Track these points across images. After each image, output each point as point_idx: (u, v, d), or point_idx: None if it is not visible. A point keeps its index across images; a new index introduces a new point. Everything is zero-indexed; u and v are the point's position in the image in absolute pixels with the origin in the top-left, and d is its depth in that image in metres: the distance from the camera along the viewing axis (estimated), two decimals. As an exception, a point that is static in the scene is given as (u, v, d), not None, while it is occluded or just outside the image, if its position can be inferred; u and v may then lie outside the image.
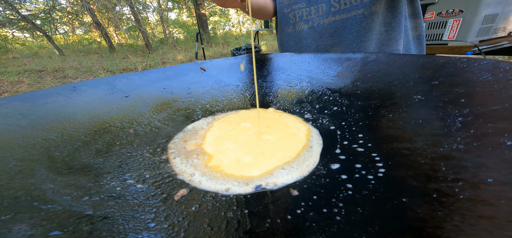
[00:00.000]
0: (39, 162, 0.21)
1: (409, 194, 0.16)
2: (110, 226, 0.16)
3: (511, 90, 0.21)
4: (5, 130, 0.23)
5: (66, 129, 0.27)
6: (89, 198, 0.18)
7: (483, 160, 0.16)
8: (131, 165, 0.25)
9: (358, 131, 0.29)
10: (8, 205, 0.15)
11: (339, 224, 0.16)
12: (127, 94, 0.41)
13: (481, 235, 0.11)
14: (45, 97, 0.31)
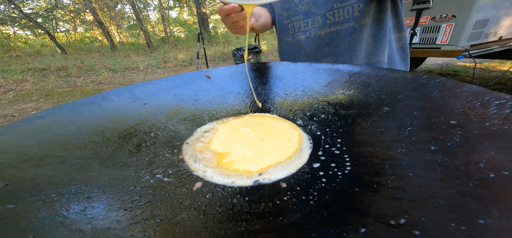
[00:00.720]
0: (92, 159, 0.28)
1: (361, 185, 0.23)
2: (153, 208, 0.23)
3: (448, 106, 0.28)
4: (61, 134, 0.30)
5: (104, 133, 0.34)
6: (134, 187, 0.25)
7: (412, 161, 0.23)
8: (157, 163, 0.32)
9: (338, 136, 0.35)
10: (84, 190, 0.22)
11: (311, 206, 0.22)
12: (145, 102, 0.48)
13: (389, 207, 0.18)
14: (84, 106, 0.37)
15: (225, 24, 0.57)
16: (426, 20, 1.51)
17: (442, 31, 1.42)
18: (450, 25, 1.37)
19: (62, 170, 0.25)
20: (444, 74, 3.07)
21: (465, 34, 1.33)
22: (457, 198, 0.17)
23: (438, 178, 0.20)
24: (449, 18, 1.37)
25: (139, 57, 7.04)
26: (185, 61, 6.15)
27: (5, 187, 0.20)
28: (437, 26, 1.44)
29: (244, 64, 0.70)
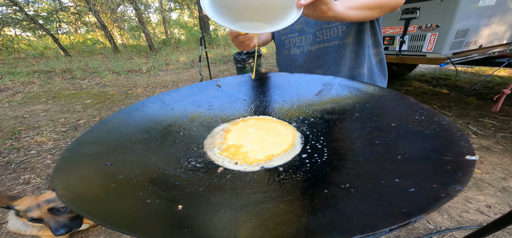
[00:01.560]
0: (148, 150, 0.40)
1: (330, 167, 0.35)
2: (197, 181, 0.35)
3: (393, 113, 0.40)
4: (125, 132, 0.42)
5: (149, 131, 0.46)
6: (179, 169, 0.37)
7: (364, 151, 0.35)
8: (190, 154, 0.44)
9: (321, 135, 0.48)
10: (153, 169, 0.35)
11: (298, 181, 0.35)
12: (172, 107, 0.60)
13: (343, 178, 0.30)
14: (132, 112, 0.50)
15: (234, 42, 0.70)
16: (413, 29, 1.63)
17: (427, 40, 1.54)
18: (434, 34, 1.50)
19: (135, 157, 0.37)
20: (436, 78, 3.20)
21: (448, 42, 1.45)
22: (378, 171, 0.29)
23: (374, 160, 0.32)
24: (433, 27, 1.50)
25: (141, 59, 7.16)
26: (187, 64, 6.27)
27: (111, 166, 0.32)
28: (423, 35, 1.56)
29: (248, 74, 0.82)
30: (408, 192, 0.22)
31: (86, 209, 0.21)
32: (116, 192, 0.27)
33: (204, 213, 0.26)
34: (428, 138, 0.29)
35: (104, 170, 0.31)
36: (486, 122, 1.88)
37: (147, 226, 0.21)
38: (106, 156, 0.35)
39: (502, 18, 1.55)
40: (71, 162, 0.30)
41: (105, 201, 0.24)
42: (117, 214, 0.22)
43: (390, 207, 0.21)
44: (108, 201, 0.24)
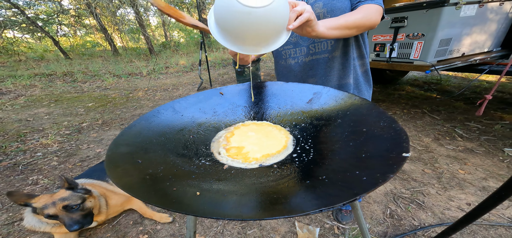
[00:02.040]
0: (166, 151, 0.49)
1: (314, 164, 0.44)
2: (208, 175, 0.44)
3: (366, 120, 0.49)
4: (147, 135, 0.51)
5: (165, 135, 0.55)
6: (193, 166, 0.46)
7: (341, 151, 0.44)
8: (200, 154, 0.53)
9: (309, 138, 0.57)
10: (173, 166, 0.44)
11: (288, 175, 0.44)
12: (182, 114, 0.69)
13: (322, 172, 0.39)
14: (150, 118, 0.59)
15: (233, 58, 0.79)
16: (402, 37, 1.74)
17: (414, 48, 1.65)
18: (420, 42, 1.61)
19: (157, 156, 0.46)
20: (427, 82, 3.32)
21: (432, 50, 1.56)
22: (347, 166, 0.38)
23: (346, 159, 0.41)
24: (420, 36, 1.61)
25: (141, 62, 7.25)
26: (187, 67, 6.36)
27: (141, 163, 0.41)
28: (411, 43, 1.67)
29: (248, 82, 0.92)
30: (362, 180, 0.32)
31: (136, 193, 0.30)
32: (151, 182, 0.36)
33: (216, 197, 0.35)
34: (385, 141, 0.39)
35: (138, 166, 0.40)
36: (472, 125, 2.00)
37: (180, 205, 0.30)
38: (136, 155, 0.44)
39: (482, 28, 1.67)
40: (114, 159, 0.39)
41: (146, 188, 0.33)
42: (156, 196, 0.31)
43: (348, 190, 0.30)
44: (147, 188, 0.33)
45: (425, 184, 1.43)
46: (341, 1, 0.74)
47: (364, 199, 1.37)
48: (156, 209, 1.40)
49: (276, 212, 0.29)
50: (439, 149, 1.75)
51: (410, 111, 2.47)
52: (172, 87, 4.49)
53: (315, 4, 0.78)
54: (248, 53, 0.57)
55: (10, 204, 1.48)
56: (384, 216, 1.25)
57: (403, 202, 1.32)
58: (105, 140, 2.41)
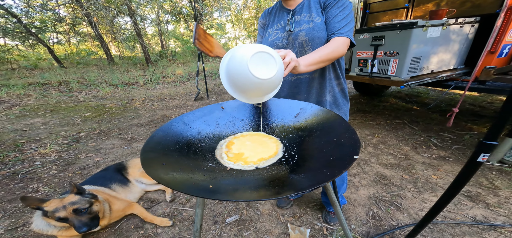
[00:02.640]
0: (181, 156, 0.62)
1: (296, 165, 0.59)
2: (215, 174, 0.57)
3: (336, 131, 0.65)
4: (166, 144, 0.64)
5: (178, 144, 0.68)
6: (203, 168, 0.60)
7: (318, 155, 0.59)
8: (207, 159, 0.67)
9: (295, 146, 0.72)
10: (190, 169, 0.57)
11: (277, 174, 0.58)
12: (190, 126, 0.82)
13: (302, 171, 0.54)
14: (166, 129, 0.72)
15: None
16: (381, 54, 1.96)
17: (391, 64, 1.87)
18: (395, 59, 1.83)
19: (175, 160, 0.59)
20: (409, 95, 3.60)
21: (405, 67, 1.78)
22: (320, 167, 0.53)
23: (320, 161, 0.56)
24: (395, 54, 1.82)
25: (138, 71, 7.32)
26: (183, 77, 6.49)
27: (165, 165, 0.54)
28: (388, 60, 1.89)
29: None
30: (326, 174, 0.46)
31: (171, 185, 0.43)
32: (177, 179, 0.49)
33: (224, 189, 0.49)
34: (347, 148, 0.54)
35: (163, 167, 0.53)
36: (445, 135, 2.22)
37: (201, 193, 0.43)
38: (160, 159, 0.56)
39: (447, 47, 1.92)
40: (148, 163, 0.52)
41: (175, 183, 0.46)
42: (185, 189, 0.45)
43: (316, 183, 0.45)
44: (177, 183, 0.46)
45: (403, 188, 1.59)
46: (319, 31, 0.92)
47: (350, 203, 1.51)
48: (156, 214, 1.48)
49: (267, 195, 0.43)
50: (416, 156, 1.94)
51: (393, 122, 2.69)
52: (169, 97, 4.59)
53: (299, 33, 0.95)
54: (252, 103, 0.72)
55: (12, 211, 1.52)
56: (367, 218, 1.39)
57: (384, 204, 1.47)
58: (104, 149, 2.46)
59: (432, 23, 1.76)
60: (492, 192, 1.46)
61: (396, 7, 2.79)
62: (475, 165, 0.75)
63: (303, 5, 0.96)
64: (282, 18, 1.01)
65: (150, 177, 1.67)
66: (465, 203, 1.40)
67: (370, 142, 2.29)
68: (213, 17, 13.22)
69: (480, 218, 1.28)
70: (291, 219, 1.40)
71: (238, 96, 0.68)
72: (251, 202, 1.55)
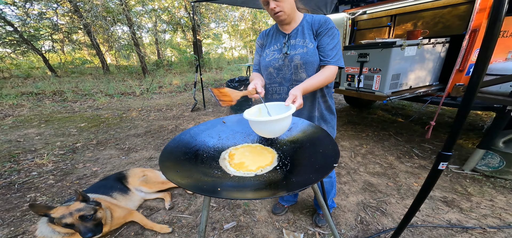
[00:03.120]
0: (191, 165, 0.73)
1: (288, 171, 0.71)
2: (221, 180, 0.68)
3: (322, 144, 0.78)
4: (178, 154, 0.75)
5: (187, 154, 0.79)
6: (210, 175, 0.71)
7: (306, 163, 0.71)
8: (213, 167, 0.78)
9: (288, 156, 0.84)
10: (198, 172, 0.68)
11: (271, 179, 0.70)
12: (196, 138, 0.93)
13: (293, 176, 0.66)
14: (177, 141, 0.83)
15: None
16: (366, 71, 2.16)
17: (375, 80, 2.06)
18: (378, 76, 2.02)
19: (186, 168, 0.70)
20: (395, 108, 3.85)
21: (387, 83, 1.97)
22: (308, 173, 0.66)
23: (308, 168, 0.68)
24: (378, 71, 2.02)
25: (134, 81, 7.37)
26: (180, 87, 6.58)
27: (179, 172, 0.64)
28: (372, 76, 2.09)
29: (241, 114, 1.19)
30: (312, 179, 0.58)
31: (188, 188, 0.54)
32: (191, 183, 0.60)
33: (231, 191, 0.60)
34: (329, 157, 0.67)
35: (178, 174, 0.64)
36: (426, 146, 2.41)
37: (214, 194, 0.54)
38: (175, 167, 0.67)
39: (422, 65, 2.14)
40: (165, 169, 0.63)
41: (191, 186, 0.57)
42: (198, 190, 0.55)
43: (303, 185, 0.57)
44: (192, 186, 0.57)
45: (388, 195, 1.73)
46: (312, 56, 1.05)
47: (340, 208, 1.62)
48: (156, 221, 1.53)
49: (265, 195, 0.55)
50: (400, 166, 2.10)
51: (380, 133, 2.87)
52: (166, 107, 4.65)
53: (294, 56, 1.08)
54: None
55: (11, 219, 1.54)
56: (355, 222, 1.50)
57: (371, 210, 1.59)
58: (101, 159, 2.50)
59: (409, 42, 1.99)
60: (466, 198, 1.62)
61: (380, 25, 3.07)
62: (437, 172, 0.89)
63: (298, 31, 1.08)
64: (278, 41, 1.13)
65: (151, 186, 1.74)
66: (442, 208, 1.54)
67: (359, 152, 2.44)
68: (210, 27, 13.51)
69: (454, 222, 1.42)
70: (285, 225, 1.49)
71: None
72: (248, 208, 1.63)
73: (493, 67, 1.88)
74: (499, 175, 1.77)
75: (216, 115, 4.01)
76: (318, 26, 1.04)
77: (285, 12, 0.99)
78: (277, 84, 1.16)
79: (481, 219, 1.42)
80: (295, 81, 1.09)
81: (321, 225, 1.44)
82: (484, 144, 1.78)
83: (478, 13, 1.82)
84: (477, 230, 1.33)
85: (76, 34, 10.42)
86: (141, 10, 9.67)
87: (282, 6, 0.97)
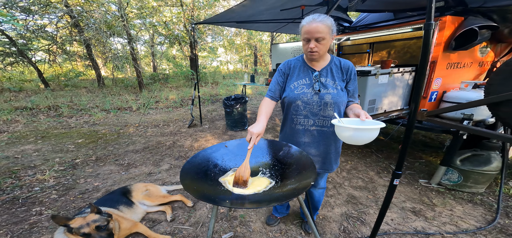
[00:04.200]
0: (203, 183, 0.94)
1: (278, 188, 0.94)
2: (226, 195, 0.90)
3: (292, 157, 1.02)
4: (193, 173, 0.96)
5: (198, 173, 1.00)
6: (218, 191, 0.93)
7: (291, 180, 0.95)
8: (219, 185, 0.99)
9: (279, 175, 1.07)
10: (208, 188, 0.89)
11: (266, 193, 0.92)
12: (204, 160, 1.15)
13: (279, 187, 0.89)
14: (191, 162, 1.04)
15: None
16: None
17: None
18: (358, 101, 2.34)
19: (200, 184, 0.91)
20: (377, 126, 4.22)
21: (365, 107, 2.28)
22: (292, 186, 0.89)
23: (293, 184, 0.92)
24: (358, 96, 2.34)
25: (130, 96, 7.46)
26: (177, 102, 6.74)
27: (196, 188, 0.86)
28: None
29: (244, 139, 1.42)
30: (297, 190, 0.82)
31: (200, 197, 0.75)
32: (207, 196, 0.81)
33: (235, 202, 0.82)
34: (309, 177, 0.90)
35: (195, 190, 0.85)
36: (401, 162, 2.71)
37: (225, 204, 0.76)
38: (192, 184, 0.88)
39: (394, 91, 2.49)
40: (186, 186, 0.84)
41: (207, 198, 0.79)
42: (213, 202, 0.77)
43: (291, 197, 0.80)
44: (208, 198, 0.79)
45: (367, 206, 1.96)
46: (341, 97, 1.14)
47: (326, 219, 1.83)
48: (158, 232, 1.68)
49: (261, 205, 0.77)
50: (379, 180, 2.36)
51: (363, 151, 3.17)
52: (163, 123, 4.79)
53: (326, 95, 1.13)
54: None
55: (20, 232, 1.63)
56: (339, 231, 1.71)
57: (352, 220, 1.82)
58: (102, 175, 2.60)
59: (382, 71, 2.34)
60: (430, 208, 1.89)
61: (361, 51, 3.48)
62: (393, 187, 1.15)
63: (328, 70, 1.15)
64: (307, 75, 1.17)
65: (154, 199, 1.89)
66: (410, 217, 1.79)
67: (345, 167, 2.70)
68: (206, 41, 13.84)
69: (419, 229, 1.66)
70: (278, 234, 1.68)
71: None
72: (244, 220, 1.81)
73: (449, 95, 2.25)
74: (458, 188, 2.07)
75: (213, 131, 4.19)
76: (348, 73, 1.17)
77: (320, 53, 1.07)
78: (302, 116, 1.20)
79: (441, 226, 1.67)
80: (322, 116, 1.16)
81: (310, 232, 1.64)
82: (445, 161, 2.09)
83: (436, 46, 2.19)
84: (437, 236, 1.58)
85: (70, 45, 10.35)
86: (139, 22, 9.86)
87: (319, 48, 1.04)
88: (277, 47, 7.18)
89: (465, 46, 1.98)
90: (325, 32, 1.01)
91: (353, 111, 1.11)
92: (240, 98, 4.31)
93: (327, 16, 1.03)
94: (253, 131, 1.01)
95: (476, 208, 1.87)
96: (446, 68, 2.25)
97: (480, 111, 1.91)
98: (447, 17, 2.01)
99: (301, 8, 3.21)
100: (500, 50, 2.47)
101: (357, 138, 0.92)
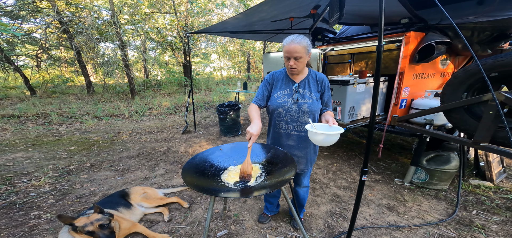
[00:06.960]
0: (203, 180, 1.10)
1: (266, 182, 1.13)
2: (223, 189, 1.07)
3: (287, 163, 1.21)
4: (194, 173, 1.12)
5: (197, 173, 1.17)
6: (217, 187, 1.10)
7: (277, 176, 1.14)
8: (217, 181, 1.16)
9: (265, 172, 1.25)
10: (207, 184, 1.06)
11: (256, 186, 1.10)
12: (201, 161, 1.32)
13: (268, 181, 1.08)
14: (190, 164, 1.20)
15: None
16: (334, 103, 2.73)
17: (338, 111, 2.62)
18: (340, 107, 2.59)
19: (202, 181, 1.07)
20: (361, 131, 4.53)
21: (346, 114, 2.53)
22: (278, 183, 1.08)
23: (278, 179, 1.11)
24: (339, 103, 2.59)
25: (122, 102, 7.42)
26: (170, 109, 6.79)
27: (195, 184, 1.02)
28: (336, 107, 2.65)
29: (237, 142, 1.59)
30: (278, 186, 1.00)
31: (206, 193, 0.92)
32: (207, 190, 0.98)
33: (232, 194, 0.99)
34: (291, 173, 1.10)
35: (195, 185, 1.02)
36: (380, 164, 2.98)
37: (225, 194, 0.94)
38: (193, 181, 1.05)
39: (370, 99, 2.77)
40: (188, 183, 1.00)
41: (207, 191, 0.95)
42: (213, 193, 0.94)
43: (274, 188, 0.99)
44: (207, 191, 0.95)
45: (349, 204, 2.17)
46: (316, 106, 1.32)
47: (312, 216, 2.02)
48: (157, 231, 1.79)
49: (252, 195, 0.95)
50: (360, 180, 2.60)
51: (348, 153, 3.42)
52: (156, 130, 4.85)
53: (303, 104, 1.31)
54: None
55: (21, 235, 1.69)
56: (324, 227, 1.90)
57: (336, 216, 2.01)
58: (97, 180, 2.66)
59: (359, 81, 2.61)
60: (402, 204, 2.13)
61: (343, 61, 3.78)
62: (362, 183, 1.36)
63: (305, 82, 1.34)
64: (288, 86, 1.35)
65: (151, 201, 2.01)
66: (385, 212, 2.02)
67: (331, 169, 2.93)
68: (199, 47, 13.89)
69: (392, 222, 1.89)
70: (269, 231, 1.84)
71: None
72: (238, 218, 1.95)
73: (416, 103, 2.55)
74: (426, 186, 2.34)
75: (207, 137, 4.32)
76: (322, 85, 1.35)
77: (298, 69, 1.26)
78: (284, 122, 1.38)
79: (410, 220, 1.91)
80: (299, 122, 1.35)
81: (298, 228, 1.82)
82: (414, 162, 2.36)
83: (403, 59, 2.48)
84: (406, 228, 1.81)
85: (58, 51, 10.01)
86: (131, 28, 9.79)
87: (298, 65, 1.23)
88: (269, 56, 7.46)
89: (426, 59, 2.28)
90: (302, 52, 1.19)
91: (325, 118, 1.31)
92: (234, 105, 4.50)
93: (304, 37, 1.19)
94: (252, 131, 1.14)
95: (440, 203, 2.13)
96: (412, 78, 2.55)
97: (441, 116, 2.20)
98: (411, 32, 2.31)
99: (290, 20, 3.49)
100: (458, 62, 2.84)
101: (326, 141, 1.11)
